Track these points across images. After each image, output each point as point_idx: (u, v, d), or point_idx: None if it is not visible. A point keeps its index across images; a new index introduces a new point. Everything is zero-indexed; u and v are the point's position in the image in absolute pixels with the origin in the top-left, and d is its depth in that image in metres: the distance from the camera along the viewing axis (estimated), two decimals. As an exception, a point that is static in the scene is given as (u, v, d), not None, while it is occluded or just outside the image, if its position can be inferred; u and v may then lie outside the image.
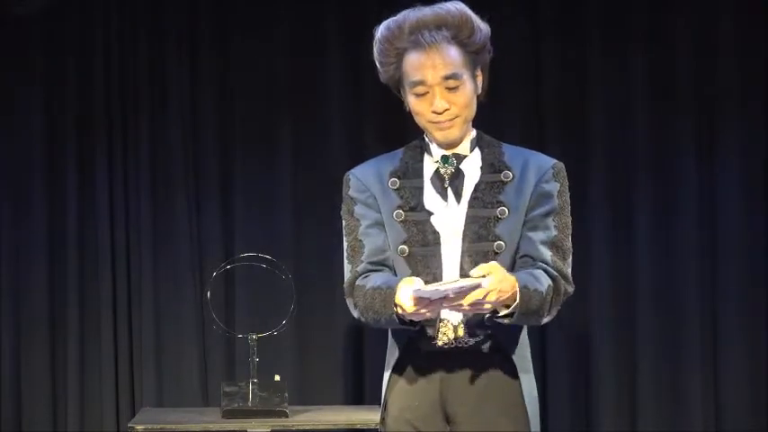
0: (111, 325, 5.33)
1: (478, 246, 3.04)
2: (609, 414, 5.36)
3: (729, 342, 5.37)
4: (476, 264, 2.97)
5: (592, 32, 5.40)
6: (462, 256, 3.04)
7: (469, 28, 3.04)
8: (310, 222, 5.40)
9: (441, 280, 3.02)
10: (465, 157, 3.11)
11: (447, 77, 3.03)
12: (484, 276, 2.85)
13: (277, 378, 4.81)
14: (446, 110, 3.04)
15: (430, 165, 3.12)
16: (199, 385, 5.35)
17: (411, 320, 2.97)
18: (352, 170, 3.19)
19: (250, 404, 4.68)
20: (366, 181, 3.14)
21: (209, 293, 5.01)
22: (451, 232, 3.06)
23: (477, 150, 3.13)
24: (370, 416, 4.59)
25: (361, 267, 3.10)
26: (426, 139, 3.14)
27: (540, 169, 3.11)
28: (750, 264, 5.37)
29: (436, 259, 3.05)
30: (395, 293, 2.95)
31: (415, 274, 3.03)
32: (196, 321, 5.35)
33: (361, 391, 5.36)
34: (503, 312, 2.95)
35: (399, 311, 2.95)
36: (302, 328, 5.34)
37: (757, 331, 5.38)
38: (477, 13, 3.07)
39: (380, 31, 3.09)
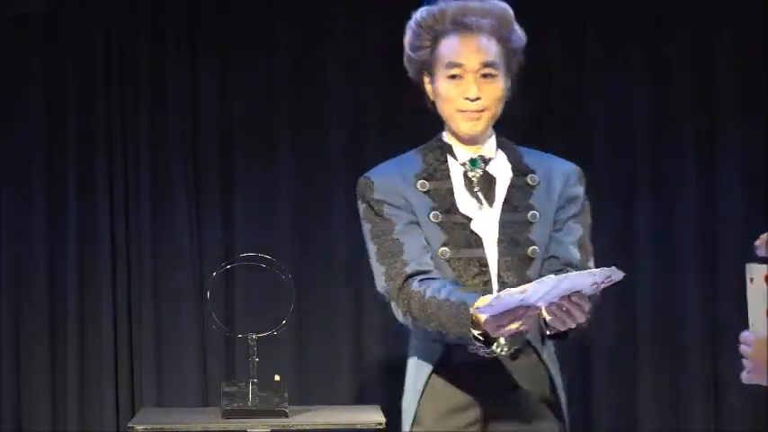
0: (111, 325, 5.32)
1: (514, 250, 2.99)
2: (609, 414, 5.36)
3: (729, 342, 5.35)
4: (512, 269, 2.94)
5: (592, 32, 5.40)
6: (499, 261, 2.98)
7: (510, 25, 3.07)
8: (310, 222, 5.39)
9: (491, 285, 2.92)
10: (491, 159, 3.07)
11: (486, 64, 3.01)
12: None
13: (277, 378, 4.80)
14: (477, 98, 3.01)
15: (456, 167, 3.05)
16: (199, 385, 5.34)
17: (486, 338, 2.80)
18: (370, 173, 3.06)
19: (250, 404, 4.68)
20: (391, 183, 3.02)
21: (209, 293, 5.01)
22: (488, 236, 2.99)
23: (501, 153, 3.10)
24: (370, 416, 4.59)
25: (410, 267, 2.94)
26: (447, 140, 3.08)
27: (564, 174, 3.12)
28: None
29: (481, 262, 2.97)
30: (469, 312, 2.76)
31: (459, 277, 2.95)
32: (196, 321, 5.35)
33: (362, 391, 5.36)
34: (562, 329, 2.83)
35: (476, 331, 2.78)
36: (302, 328, 5.33)
37: (757, 331, 5.38)
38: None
39: (419, 14, 3.04)
